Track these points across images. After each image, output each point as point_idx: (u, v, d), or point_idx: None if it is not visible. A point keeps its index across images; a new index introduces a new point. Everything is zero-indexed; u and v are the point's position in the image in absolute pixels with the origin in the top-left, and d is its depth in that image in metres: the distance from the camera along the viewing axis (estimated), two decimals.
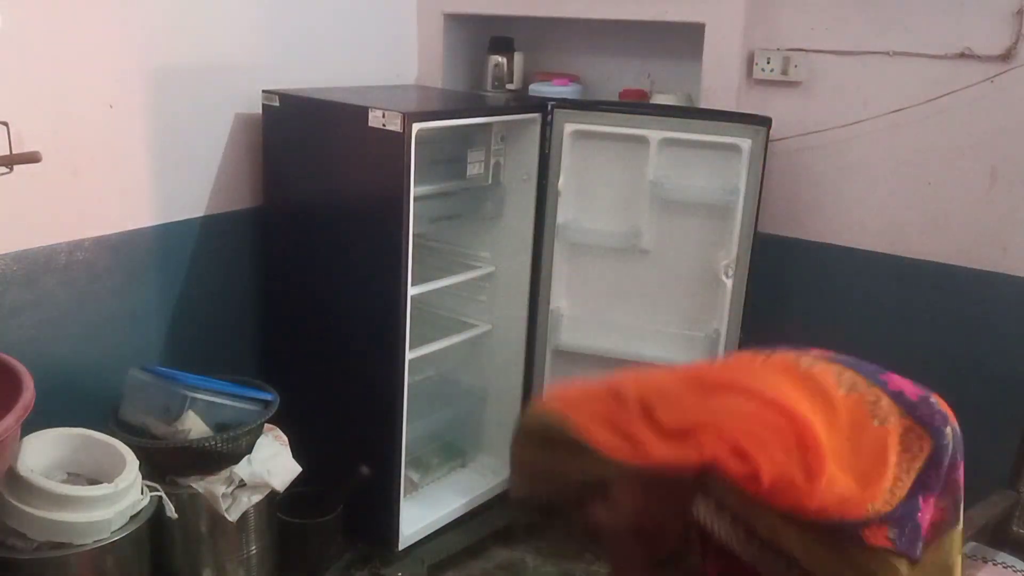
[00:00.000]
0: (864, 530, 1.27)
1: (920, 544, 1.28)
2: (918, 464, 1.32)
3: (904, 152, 2.33)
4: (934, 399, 1.47)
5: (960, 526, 1.38)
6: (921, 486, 1.33)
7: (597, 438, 1.22)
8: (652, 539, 1.31)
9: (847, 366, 1.43)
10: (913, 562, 1.25)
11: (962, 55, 2.21)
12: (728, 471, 1.16)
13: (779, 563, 1.24)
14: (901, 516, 1.28)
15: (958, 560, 1.40)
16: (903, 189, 2.35)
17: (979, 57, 2.19)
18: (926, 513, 1.29)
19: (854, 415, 1.32)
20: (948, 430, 1.41)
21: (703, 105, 2.53)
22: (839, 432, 1.28)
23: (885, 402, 1.38)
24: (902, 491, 1.28)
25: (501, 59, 2.94)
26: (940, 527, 1.36)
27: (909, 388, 1.45)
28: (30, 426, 1.78)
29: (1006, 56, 2.15)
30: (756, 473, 1.14)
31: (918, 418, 1.39)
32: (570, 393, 1.34)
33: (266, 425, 2.25)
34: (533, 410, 1.33)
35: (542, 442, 1.27)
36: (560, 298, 2.73)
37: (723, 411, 1.21)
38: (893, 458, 1.31)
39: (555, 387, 1.47)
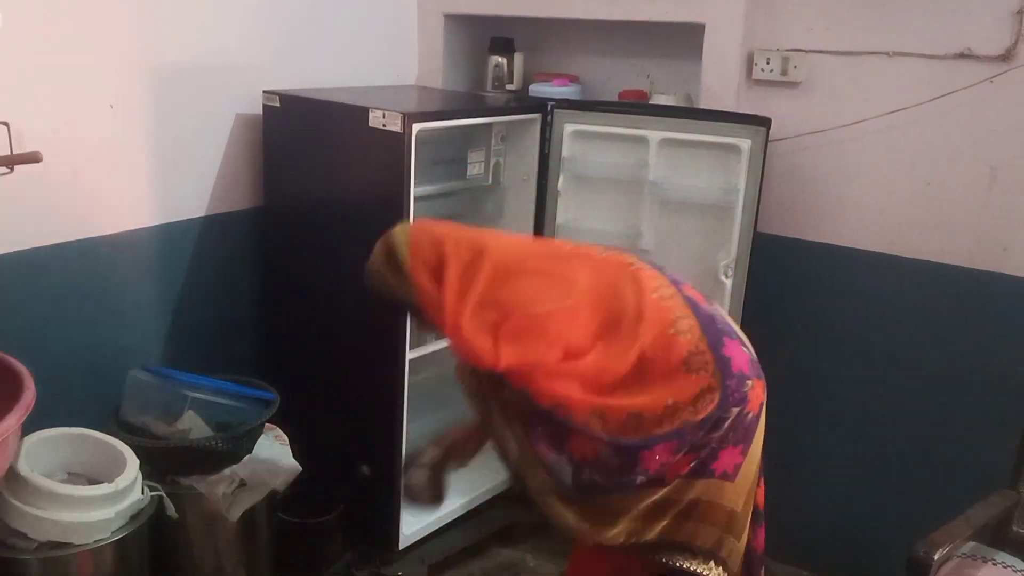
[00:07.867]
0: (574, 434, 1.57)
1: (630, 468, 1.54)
2: (685, 417, 1.54)
3: (904, 152, 2.33)
4: (752, 383, 1.62)
5: (706, 478, 1.59)
6: (675, 435, 1.53)
7: (419, 280, 1.59)
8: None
9: (695, 315, 1.64)
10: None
11: (962, 55, 2.21)
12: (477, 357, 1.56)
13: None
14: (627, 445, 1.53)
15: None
16: (903, 189, 2.35)
17: (979, 57, 2.19)
18: (660, 456, 1.53)
19: (666, 354, 1.56)
20: (735, 410, 1.59)
21: (703, 105, 2.53)
22: (622, 359, 1.56)
23: (707, 358, 1.58)
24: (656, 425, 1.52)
25: (501, 59, 2.94)
26: (674, 471, 1.56)
27: (741, 360, 1.61)
28: (30, 426, 1.78)
29: (1006, 56, 2.15)
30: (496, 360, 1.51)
31: (725, 387, 1.56)
32: (439, 229, 1.71)
33: (266, 425, 2.26)
34: (400, 227, 1.70)
35: (388, 254, 1.65)
36: None
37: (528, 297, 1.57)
38: (669, 399, 1.53)
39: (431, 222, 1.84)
